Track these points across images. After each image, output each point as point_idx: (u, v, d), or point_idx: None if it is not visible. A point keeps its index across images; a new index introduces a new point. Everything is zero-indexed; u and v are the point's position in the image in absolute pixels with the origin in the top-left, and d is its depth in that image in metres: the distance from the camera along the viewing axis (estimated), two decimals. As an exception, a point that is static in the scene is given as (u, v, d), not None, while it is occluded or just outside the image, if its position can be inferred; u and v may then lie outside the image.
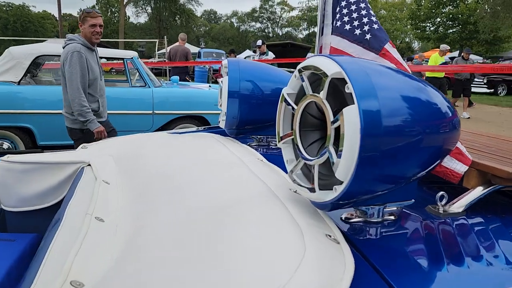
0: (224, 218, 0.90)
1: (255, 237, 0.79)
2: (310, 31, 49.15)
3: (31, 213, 1.74)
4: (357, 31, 1.24)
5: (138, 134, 2.00)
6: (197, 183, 1.17)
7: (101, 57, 7.30)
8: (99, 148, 1.86)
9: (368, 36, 1.23)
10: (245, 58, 10.30)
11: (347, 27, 1.27)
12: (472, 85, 11.09)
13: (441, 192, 0.99)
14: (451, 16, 31.21)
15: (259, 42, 10.17)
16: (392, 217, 0.94)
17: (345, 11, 1.28)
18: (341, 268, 0.69)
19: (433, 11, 31.60)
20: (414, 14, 33.49)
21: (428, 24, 33.05)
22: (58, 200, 1.71)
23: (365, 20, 1.24)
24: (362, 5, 1.27)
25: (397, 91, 0.78)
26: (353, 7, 1.27)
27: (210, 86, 7.52)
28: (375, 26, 1.23)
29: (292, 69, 15.57)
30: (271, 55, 10.25)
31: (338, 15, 1.30)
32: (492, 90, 17.10)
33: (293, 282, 0.64)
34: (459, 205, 1.00)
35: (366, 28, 1.23)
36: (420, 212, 1.01)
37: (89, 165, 1.67)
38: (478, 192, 1.02)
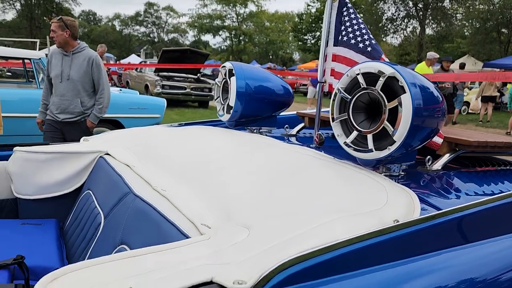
0: (307, 176, 1.24)
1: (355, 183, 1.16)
2: (197, 38, 49.67)
3: (47, 200, 1.80)
4: (361, 45, 1.68)
5: (135, 128, 2.15)
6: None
7: (1, 56, 6.71)
8: (104, 140, 1.99)
9: (369, 49, 1.68)
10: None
11: (352, 41, 1.70)
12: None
13: (428, 156, 1.46)
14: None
15: None
16: (403, 173, 1.37)
17: (349, 29, 1.71)
18: (411, 200, 1.09)
19: (313, 25, 34.74)
20: (296, 27, 36.34)
21: (309, 37, 36.24)
22: (77, 187, 1.82)
23: (365, 36, 1.69)
24: (362, 25, 1.71)
25: (428, 85, 1.21)
26: (356, 27, 1.70)
27: (120, 90, 7.39)
28: (373, 41, 1.68)
29: (191, 75, 15.14)
30: None
31: (344, 32, 1.73)
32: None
33: (390, 202, 1.02)
34: (438, 165, 1.48)
35: (367, 42, 1.68)
36: (415, 171, 1.47)
37: (107, 154, 1.81)
38: (447, 156, 1.51)
